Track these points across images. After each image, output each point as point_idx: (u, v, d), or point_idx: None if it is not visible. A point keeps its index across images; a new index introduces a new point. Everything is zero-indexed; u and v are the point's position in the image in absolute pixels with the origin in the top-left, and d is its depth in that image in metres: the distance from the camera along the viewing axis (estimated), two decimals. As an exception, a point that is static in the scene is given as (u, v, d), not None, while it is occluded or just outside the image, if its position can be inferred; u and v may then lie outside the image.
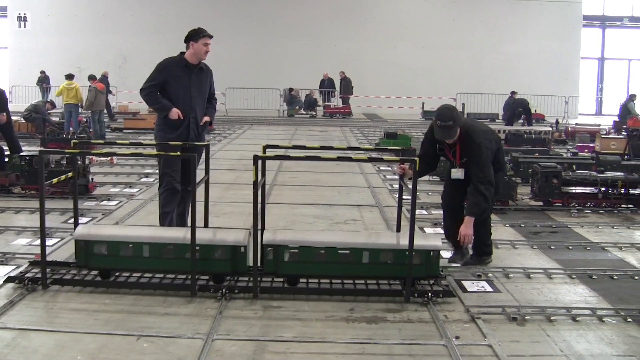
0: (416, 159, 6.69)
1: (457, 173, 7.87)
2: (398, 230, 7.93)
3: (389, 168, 16.12)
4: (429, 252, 6.88)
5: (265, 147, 7.79)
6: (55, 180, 7.71)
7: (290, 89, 37.11)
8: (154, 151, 9.45)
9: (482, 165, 7.59)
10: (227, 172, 15.26)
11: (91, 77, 24.05)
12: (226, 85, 36.67)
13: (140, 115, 27.47)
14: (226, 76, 37.99)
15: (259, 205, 7.09)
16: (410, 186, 6.79)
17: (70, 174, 7.84)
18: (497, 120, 32.67)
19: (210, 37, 9.13)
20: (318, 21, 41.42)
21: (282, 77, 38.73)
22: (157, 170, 14.07)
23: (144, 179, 13.91)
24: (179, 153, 8.19)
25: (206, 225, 8.08)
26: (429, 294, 6.68)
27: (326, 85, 37.25)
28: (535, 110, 31.44)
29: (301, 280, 6.98)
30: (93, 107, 22.71)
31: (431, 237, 7.62)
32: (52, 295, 6.72)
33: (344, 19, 41.46)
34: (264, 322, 6.15)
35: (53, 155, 12.37)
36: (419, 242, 6.80)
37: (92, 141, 14.32)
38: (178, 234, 7.09)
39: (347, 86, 37.05)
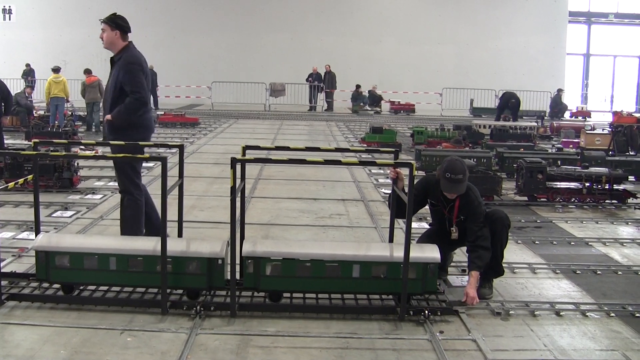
0: (413, 162, 6.19)
1: (455, 235, 7.15)
2: (391, 240, 7.20)
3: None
4: (426, 265, 6.29)
5: (245, 147, 7.15)
6: (20, 181, 7.48)
7: (358, 86, 37.33)
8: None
9: (480, 223, 6.95)
10: (212, 166, 15.24)
11: (86, 71, 23.90)
12: (212, 79, 36.63)
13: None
14: (212, 70, 38.05)
15: (238, 213, 6.42)
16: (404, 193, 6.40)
17: (29, 177, 7.44)
18: (545, 118, 31.82)
19: (101, 22, 7.95)
20: (304, 15, 41.37)
21: (267, 71, 38.70)
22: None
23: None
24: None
25: (180, 234, 7.35)
26: (426, 312, 6.17)
27: (314, 79, 37.19)
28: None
29: (285, 295, 6.46)
30: (86, 99, 23.30)
31: (427, 248, 6.52)
32: (7, 313, 6.13)
33: (329, 14, 41.44)
34: (246, 318, 6.11)
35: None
36: (415, 254, 6.21)
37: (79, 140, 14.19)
38: (148, 244, 6.35)
39: (331, 80, 37.01)
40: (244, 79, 37.11)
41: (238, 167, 6.20)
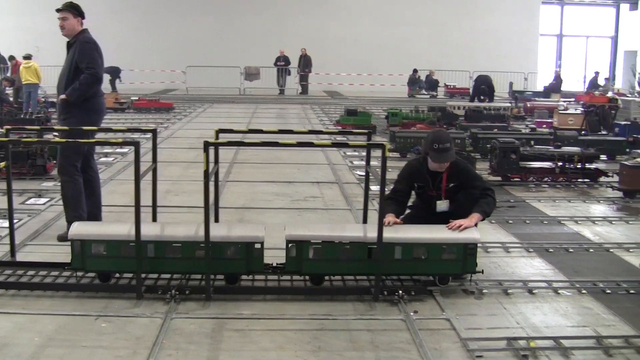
0: (385, 143, 6.15)
1: (443, 205, 7.12)
2: (365, 221, 7.39)
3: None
4: (466, 246, 6.41)
5: (219, 131, 7.28)
6: None
7: (415, 70, 37.40)
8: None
9: (477, 177, 7.14)
10: (187, 151, 15.22)
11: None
12: (187, 64, 36.43)
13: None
14: (187, 54, 37.77)
15: (212, 196, 6.48)
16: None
17: (2, 165, 7.43)
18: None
19: (57, 10, 8.08)
20: (279, -2, 41.25)
21: (243, 54, 38.49)
22: (116, 149, 14.01)
23: (103, 159, 13.74)
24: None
25: (154, 219, 7.31)
26: (400, 292, 6.22)
27: (282, 61, 37.07)
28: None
29: (258, 278, 6.50)
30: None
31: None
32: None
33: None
34: (221, 301, 6.12)
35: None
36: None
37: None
38: (185, 230, 6.39)
39: (307, 63, 36.96)
40: (218, 63, 36.91)
41: (211, 150, 6.21)
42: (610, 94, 26.64)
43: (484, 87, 27.13)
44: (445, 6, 41.93)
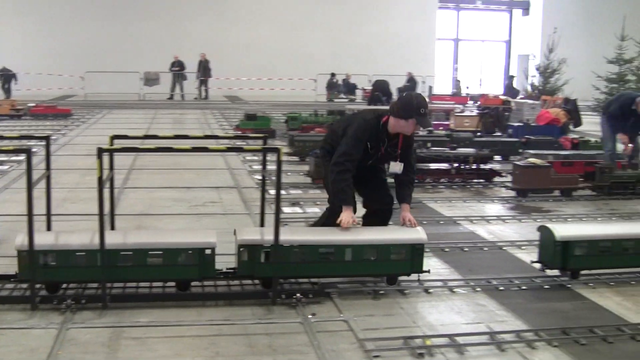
0: (280, 148, 6.13)
1: (397, 167, 7.07)
2: (262, 224, 7.24)
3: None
4: (413, 246, 6.59)
5: (113, 137, 7.10)
6: None
7: (333, 74, 37.11)
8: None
9: (414, 150, 7.31)
10: (85, 158, 14.86)
11: None
12: (85, 69, 35.66)
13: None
14: (85, 59, 36.99)
15: (108, 204, 6.33)
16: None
17: None
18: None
19: None
20: (178, 3, 40.78)
21: (142, 59, 37.86)
22: (12, 157, 13.58)
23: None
24: None
25: (49, 227, 7.03)
26: (298, 295, 6.24)
27: (176, 66, 36.68)
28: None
29: (156, 285, 6.39)
30: None
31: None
32: None
33: (204, 1, 40.99)
34: (119, 309, 6.02)
35: None
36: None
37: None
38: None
39: (205, 68, 36.70)
40: (117, 68, 36.21)
41: (106, 157, 6.10)
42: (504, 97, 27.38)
43: (377, 93, 27.42)
44: (344, 11, 42.30)
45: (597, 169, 11.79)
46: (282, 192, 11.18)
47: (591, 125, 21.53)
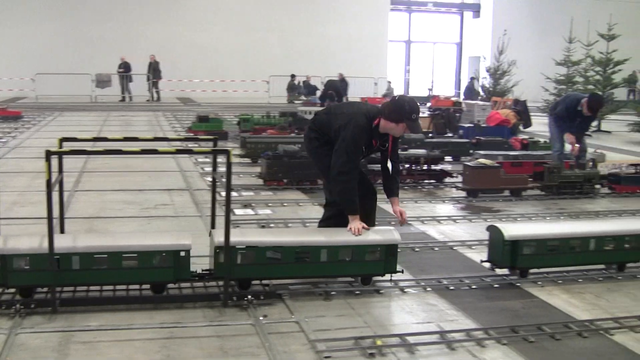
0: (230, 149, 6.09)
1: (390, 163, 7.20)
2: (212, 226, 7.06)
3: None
4: (388, 247, 6.64)
5: (62, 140, 6.94)
6: None
7: (293, 76, 36.97)
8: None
9: (399, 148, 7.45)
10: (35, 161, 14.66)
11: None
12: (35, 71, 35.17)
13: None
14: (35, 61, 36.47)
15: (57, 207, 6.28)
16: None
17: None
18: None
19: None
20: (130, 4, 40.36)
21: (93, 61, 37.48)
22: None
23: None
24: None
25: None
26: (249, 297, 6.26)
27: (121, 68, 36.35)
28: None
29: (106, 288, 6.32)
30: None
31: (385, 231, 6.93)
32: None
33: (156, 2, 40.72)
34: (69, 314, 5.94)
35: None
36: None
37: None
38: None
39: (155, 70, 36.45)
40: (68, 70, 35.78)
41: (55, 160, 6.01)
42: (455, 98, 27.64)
43: (331, 92, 27.59)
44: (297, 13, 42.31)
45: (546, 169, 11.97)
46: (234, 194, 11.20)
47: (541, 126, 21.84)
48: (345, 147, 6.77)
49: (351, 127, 6.83)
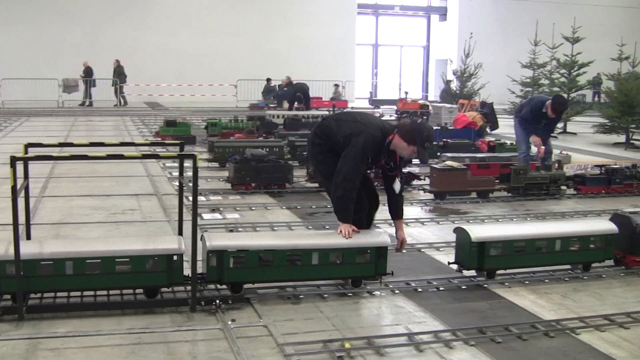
0: (196, 154, 6.12)
1: (397, 185, 7.30)
2: (180, 232, 6.92)
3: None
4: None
5: (27, 145, 6.85)
6: None
7: (268, 79, 36.64)
8: None
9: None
10: (0, 167, 14.55)
11: None
12: (1, 76, 34.77)
13: None
14: (1, 66, 36.00)
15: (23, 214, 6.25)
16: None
17: None
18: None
19: None
20: (95, 9, 39.99)
21: (60, 66, 37.10)
22: None
23: None
24: None
25: None
26: (217, 301, 6.23)
27: (84, 73, 36.06)
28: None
29: (74, 294, 6.25)
30: None
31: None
32: None
33: (124, 7, 40.41)
34: (36, 320, 5.91)
35: None
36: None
37: None
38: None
39: (120, 74, 36.22)
40: (35, 75, 35.40)
41: (19, 165, 5.96)
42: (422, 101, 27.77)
43: (299, 94, 27.62)
44: (263, 16, 42.23)
45: (513, 171, 12.07)
46: (202, 198, 11.18)
47: (507, 128, 21.97)
48: (355, 154, 6.83)
49: (364, 136, 6.89)
